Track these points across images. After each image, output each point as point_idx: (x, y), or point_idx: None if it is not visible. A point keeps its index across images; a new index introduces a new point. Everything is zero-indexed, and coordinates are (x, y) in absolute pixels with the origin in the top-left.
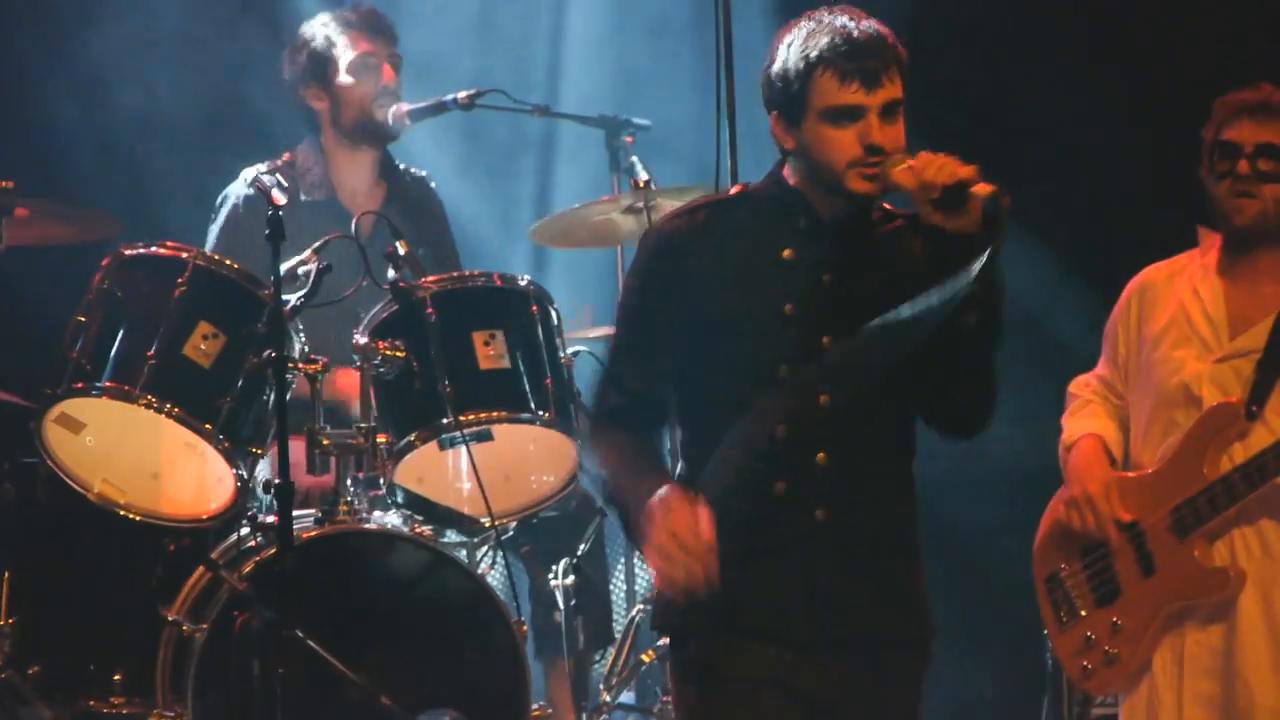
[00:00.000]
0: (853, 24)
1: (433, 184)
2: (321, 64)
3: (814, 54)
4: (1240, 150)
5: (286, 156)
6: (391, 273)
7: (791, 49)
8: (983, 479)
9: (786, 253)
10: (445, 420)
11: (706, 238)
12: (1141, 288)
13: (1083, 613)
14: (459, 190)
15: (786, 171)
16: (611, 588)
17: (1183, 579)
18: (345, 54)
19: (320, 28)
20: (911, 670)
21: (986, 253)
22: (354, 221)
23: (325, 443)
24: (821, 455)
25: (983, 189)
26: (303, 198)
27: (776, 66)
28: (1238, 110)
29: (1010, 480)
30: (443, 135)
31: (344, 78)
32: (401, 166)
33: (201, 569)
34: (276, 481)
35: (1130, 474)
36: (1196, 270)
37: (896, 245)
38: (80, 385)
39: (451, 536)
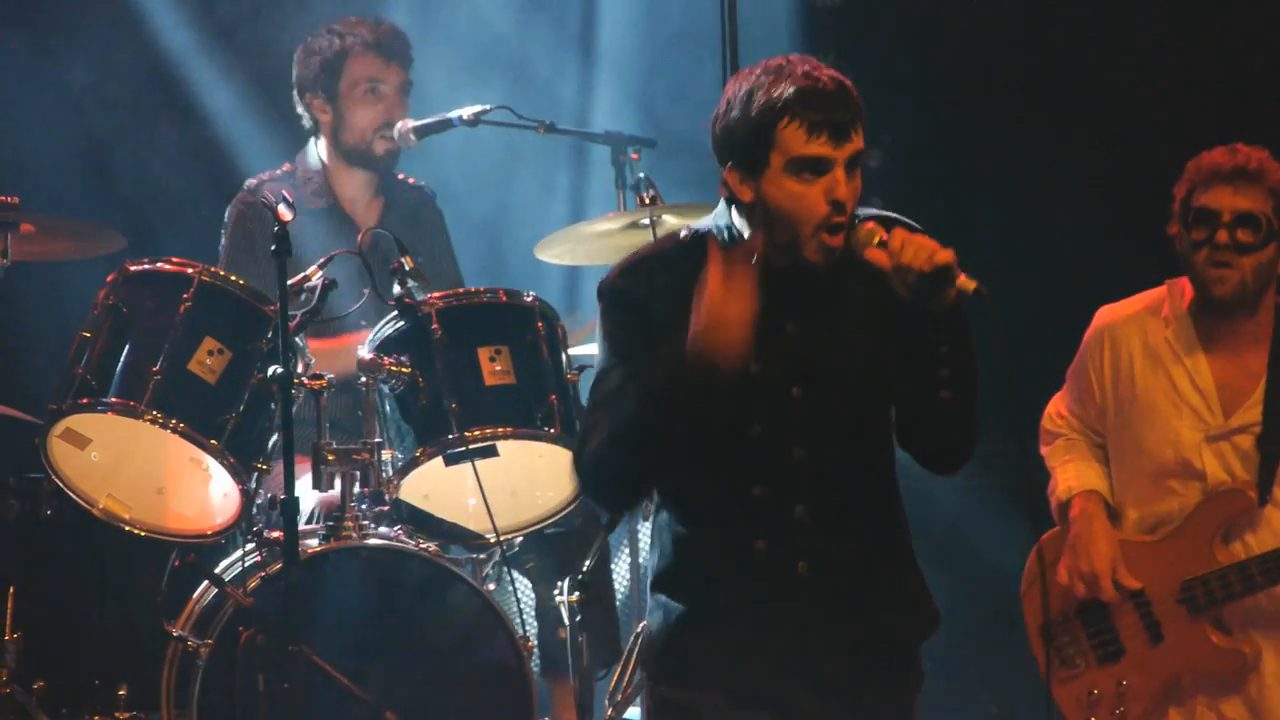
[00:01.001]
0: (816, 74)
1: (432, 194)
2: (331, 77)
3: (779, 104)
4: (1218, 219)
5: (286, 166)
6: (397, 288)
7: (754, 98)
8: (992, 499)
9: None
10: (451, 436)
11: (657, 295)
12: (1110, 329)
13: (1082, 666)
14: (464, 204)
15: (738, 220)
16: (617, 604)
17: (1195, 654)
18: (355, 73)
19: (336, 38)
20: (905, 688)
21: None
22: (359, 237)
23: (331, 458)
24: (800, 509)
25: (966, 283)
26: (305, 207)
27: (735, 114)
28: (1213, 175)
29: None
30: (450, 149)
31: (349, 100)
32: (400, 176)
33: (206, 584)
34: (283, 497)
35: (1133, 538)
36: (1174, 328)
37: (859, 287)
38: (86, 401)
39: (457, 552)
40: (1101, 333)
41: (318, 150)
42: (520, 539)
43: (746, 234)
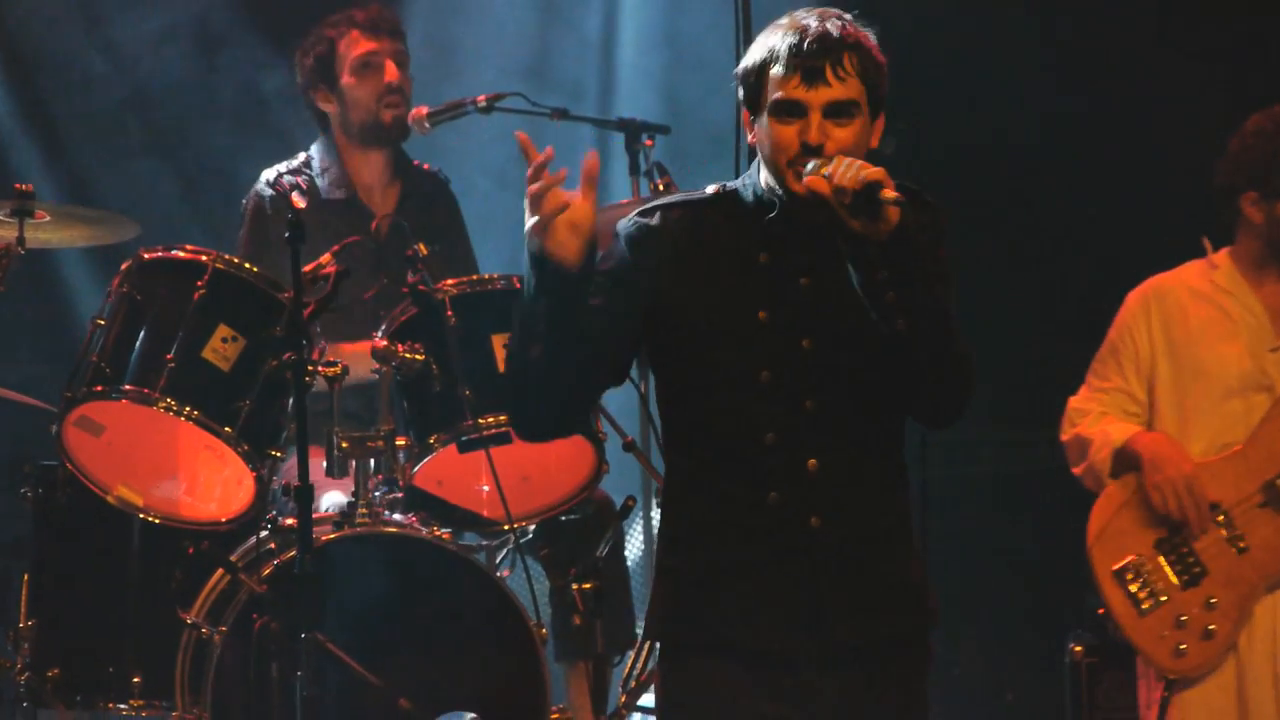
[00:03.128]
0: (814, 23)
1: (446, 180)
2: (327, 66)
3: (768, 49)
4: None
5: (303, 156)
6: (411, 275)
7: (760, 43)
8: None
9: (762, 257)
10: (465, 423)
11: (680, 236)
12: (1153, 289)
13: (1164, 598)
14: (479, 191)
15: (763, 176)
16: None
17: None
18: (348, 54)
19: (326, 29)
20: (915, 668)
21: (901, 255)
22: (374, 225)
23: (345, 445)
24: (812, 461)
25: (889, 194)
26: (324, 197)
27: (747, 59)
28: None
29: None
30: (464, 137)
31: (348, 79)
32: (416, 163)
33: (220, 571)
34: (297, 485)
35: (1202, 460)
36: (1220, 272)
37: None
38: (100, 388)
39: (470, 539)
40: (1145, 295)
41: (331, 142)
42: (534, 526)
43: (764, 184)
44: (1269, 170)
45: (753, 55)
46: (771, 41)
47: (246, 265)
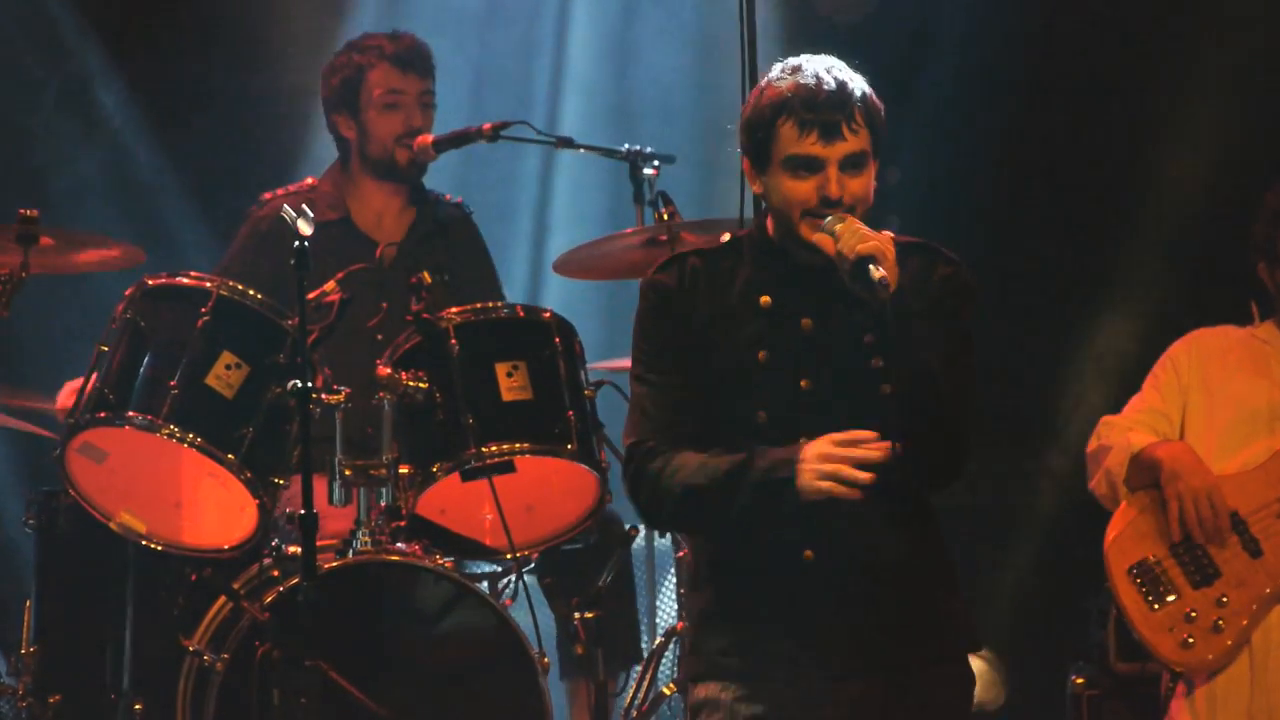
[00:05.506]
0: (823, 73)
1: (469, 211)
2: (352, 93)
3: (779, 102)
4: None
5: (310, 181)
6: (415, 303)
7: (764, 94)
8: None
9: (764, 299)
10: (468, 451)
11: (698, 287)
12: (1200, 336)
13: (1173, 597)
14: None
15: (769, 218)
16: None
17: None
18: (375, 88)
19: (355, 54)
20: (955, 689)
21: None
22: (378, 252)
23: (348, 473)
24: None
25: (876, 273)
26: (316, 220)
27: (751, 109)
28: None
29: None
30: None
31: (371, 113)
32: (434, 194)
33: (223, 599)
34: (300, 513)
35: (1223, 473)
36: (1259, 329)
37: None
38: (103, 415)
39: (473, 568)
40: (1190, 337)
41: (347, 166)
42: (537, 554)
43: (771, 229)
44: (1270, 240)
45: (758, 106)
46: (780, 95)
47: (250, 292)
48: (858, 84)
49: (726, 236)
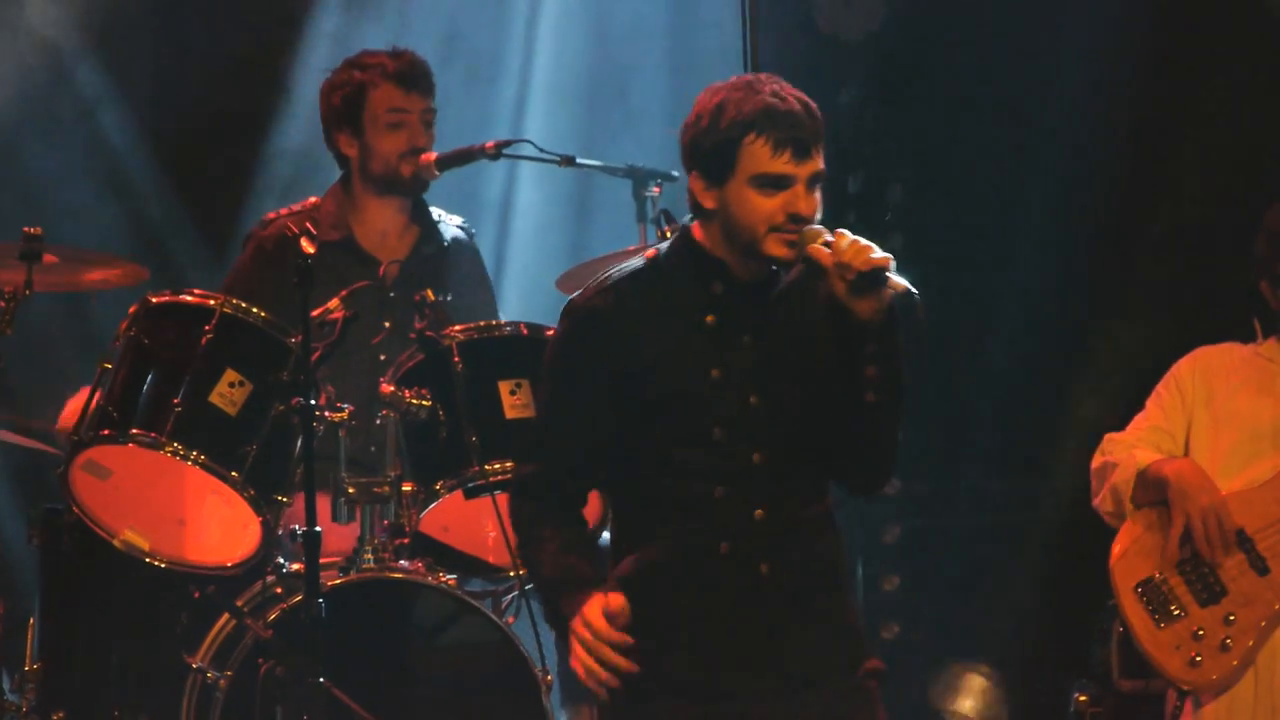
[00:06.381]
0: (783, 93)
1: (473, 233)
2: (354, 111)
3: (747, 120)
4: None
5: (314, 200)
6: (418, 321)
7: (724, 112)
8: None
9: (709, 319)
10: (471, 469)
11: (627, 312)
12: (1205, 354)
13: (1183, 613)
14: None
15: (699, 234)
16: None
17: None
18: (377, 107)
19: (356, 71)
20: (865, 691)
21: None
22: (382, 269)
23: (351, 491)
24: (759, 511)
25: (898, 285)
26: (319, 239)
27: (705, 125)
28: None
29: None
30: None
31: (373, 131)
32: (438, 214)
33: (226, 616)
34: (304, 530)
35: (1232, 490)
36: (1264, 347)
37: (812, 300)
38: (107, 432)
39: (476, 585)
40: (1194, 355)
41: (349, 184)
42: None
43: (707, 245)
44: (1271, 259)
45: (717, 122)
46: (745, 111)
47: (254, 310)
48: (813, 103)
49: (648, 253)
